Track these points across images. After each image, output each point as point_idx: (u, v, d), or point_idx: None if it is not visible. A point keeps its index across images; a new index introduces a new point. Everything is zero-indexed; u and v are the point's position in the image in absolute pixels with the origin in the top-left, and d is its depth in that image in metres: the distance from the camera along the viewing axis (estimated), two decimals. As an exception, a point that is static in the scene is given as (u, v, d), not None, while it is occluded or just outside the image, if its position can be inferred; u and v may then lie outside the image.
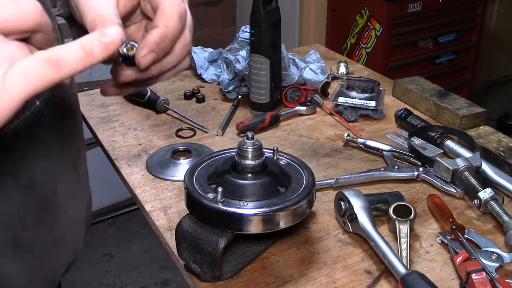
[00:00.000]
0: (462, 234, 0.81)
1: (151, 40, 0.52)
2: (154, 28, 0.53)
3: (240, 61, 1.27)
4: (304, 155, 1.09)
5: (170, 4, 0.54)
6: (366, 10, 2.68)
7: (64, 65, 0.40)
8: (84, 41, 0.42)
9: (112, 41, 0.43)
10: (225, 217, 0.73)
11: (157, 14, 0.54)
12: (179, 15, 0.54)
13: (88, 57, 0.41)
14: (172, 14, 0.53)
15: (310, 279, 0.78)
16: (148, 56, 0.51)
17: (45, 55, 0.40)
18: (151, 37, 0.52)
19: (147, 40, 0.52)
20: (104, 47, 0.42)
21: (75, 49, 0.41)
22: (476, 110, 1.17)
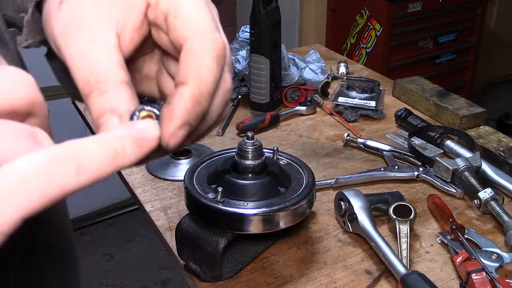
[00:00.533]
0: (462, 234, 0.81)
1: (180, 108, 0.35)
2: (182, 86, 0.36)
3: (240, 61, 1.27)
4: (304, 155, 1.08)
5: (201, 41, 0.36)
6: (366, 10, 2.68)
7: (86, 168, 0.28)
8: (110, 136, 0.30)
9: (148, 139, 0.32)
10: (225, 217, 0.73)
11: (183, 58, 0.36)
12: (216, 57, 0.36)
13: (117, 159, 0.30)
14: (206, 58, 0.36)
15: (310, 279, 0.78)
16: (178, 134, 0.35)
17: (58, 151, 0.27)
18: (179, 104, 0.35)
19: (174, 109, 0.35)
20: (139, 145, 0.31)
21: (100, 146, 0.29)
22: (476, 110, 1.17)
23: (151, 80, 0.44)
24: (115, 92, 0.35)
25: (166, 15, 0.37)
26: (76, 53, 0.36)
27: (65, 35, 0.37)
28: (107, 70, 0.36)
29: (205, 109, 0.37)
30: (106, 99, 0.35)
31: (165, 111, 0.35)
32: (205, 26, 0.37)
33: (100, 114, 0.35)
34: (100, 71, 0.36)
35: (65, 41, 0.37)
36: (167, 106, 0.35)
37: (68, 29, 0.37)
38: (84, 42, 0.36)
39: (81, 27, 0.37)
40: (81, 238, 2.47)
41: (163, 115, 0.35)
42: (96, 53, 0.36)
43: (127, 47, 0.38)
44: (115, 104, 0.35)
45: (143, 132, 0.32)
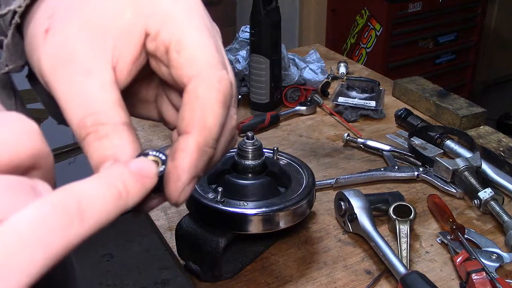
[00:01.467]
0: (462, 234, 0.81)
1: (186, 163, 0.33)
2: (186, 136, 0.33)
3: (240, 61, 1.27)
4: (304, 155, 1.08)
5: (206, 83, 0.33)
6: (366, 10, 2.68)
7: (91, 214, 0.25)
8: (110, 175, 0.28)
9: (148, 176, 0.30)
10: (225, 217, 0.73)
11: (186, 102, 0.33)
12: (222, 101, 0.33)
13: (121, 199, 0.27)
14: (212, 104, 0.33)
15: (310, 279, 0.78)
16: (188, 190, 0.34)
17: (58, 199, 0.24)
18: (185, 158, 0.33)
19: (180, 165, 0.33)
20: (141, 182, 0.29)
21: (103, 188, 0.26)
22: (476, 110, 1.17)
23: (150, 104, 0.41)
24: (116, 137, 0.32)
25: (168, 49, 0.33)
26: (68, 91, 0.32)
27: (55, 70, 0.33)
28: (105, 111, 0.32)
29: (211, 155, 0.34)
30: (107, 144, 0.32)
31: (171, 167, 0.33)
32: (210, 64, 0.33)
33: (101, 162, 0.32)
34: (97, 112, 0.32)
35: (55, 76, 0.33)
36: (172, 162, 0.33)
37: (58, 64, 0.33)
38: (77, 79, 0.32)
39: (73, 61, 0.33)
40: (81, 238, 2.47)
41: (169, 172, 0.33)
42: (91, 91, 0.32)
43: (124, 80, 0.34)
44: (116, 150, 0.32)
45: (142, 168, 0.29)
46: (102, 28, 0.33)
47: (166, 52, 0.34)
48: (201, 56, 0.33)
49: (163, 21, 0.34)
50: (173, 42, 0.33)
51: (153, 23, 0.34)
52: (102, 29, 0.33)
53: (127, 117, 0.33)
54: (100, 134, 0.32)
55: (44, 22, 0.34)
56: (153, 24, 0.34)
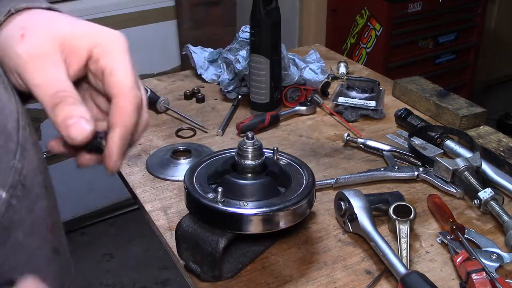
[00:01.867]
0: (462, 234, 0.81)
1: (114, 148, 0.50)
2: (114, 129, 0.50)
3: (240, 61, 1.27)
4: (304, 155, 1.09)
5: (126, 99, 0.50)
6: (366, 10, 2.68)
7: None
8: None
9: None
10: (225, 217, 0.73)
11: (113, 109, 0.50)
12: (135, 109, 0.51)
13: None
14: (129, 112, 0.50)
15: (310, 279, 0.78)
16: (118, 163, 0.51)
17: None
18: (113, 145, 0.50)
19: (111, 147, 0.50)
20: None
21: None
22: (476, 110, 1.17)
23: None
24: (82, 106, 0.47)
25: (103, 72, 0.50)
26: (43, 75, 0.46)
27: (31, 61, 0.46)
28: (71, 90, 0.47)
29: (130, 141, 0.52)
30: (75, 108, 0.46)
31: (106, 151, 0.50)
32: (129, 86, 0.50)
33: (69, 117, 0.46)
34: (66, 90, 0.47)
35: (31, 65, 0.46)
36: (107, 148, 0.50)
37: (34, 57, 0.47)
38: (50, 68, 0.47)
39: (45, 57, 0.47)
40: (81, 238, 2.47)
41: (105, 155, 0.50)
42: (61, 77, 0.47)
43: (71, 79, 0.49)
44: (83, 113, 0.46)
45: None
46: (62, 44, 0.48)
47: (101, 73, 0.50)
48: (124, 81, 0.50)
49: (103, 52, 0.50)
50: (107, 69, 0.50)
51: (97, 52, 0.50)
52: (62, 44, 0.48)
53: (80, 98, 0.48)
54: (70, 102, 0.46)
55: (19, 31, 0.48)
56: (97, 52, 0.50)
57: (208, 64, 1.44)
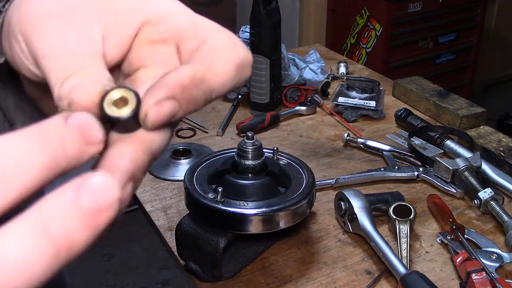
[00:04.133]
0: (462, 234, 0.81)
1: (174, 78, 0.28)
2: (185, 65, 0.30)
3: (240, 61, 1.27)
4: (304, 155, 1.08)
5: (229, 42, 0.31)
6: (366, 10, 2.68)
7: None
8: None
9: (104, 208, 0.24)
10: (225, 217, 0.73)
11: (199, 49, 0.31)
12: (238, 63, 0.31)
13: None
14: (227, 56, 0.30)
15: (310, 279, 0.78)
16: (165, 105, 0.27)
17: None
18: (175, 75, 0.28)
19: (167, 78, 0.28)
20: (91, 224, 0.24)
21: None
22: (476, 110, 1.17)
23: None
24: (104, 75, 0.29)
25: (181, 30, 0.32)
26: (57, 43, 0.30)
27: (45, 22, 0.30)
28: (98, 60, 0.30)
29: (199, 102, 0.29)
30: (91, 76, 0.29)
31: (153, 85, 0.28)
32: (233, 35, 0.32)
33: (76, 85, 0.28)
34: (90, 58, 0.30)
35: (45, 29, 0.30)
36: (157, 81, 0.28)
37: (50, 18, 0.30)
38: (73, 31, 0.30)
39: (68, 18, 0.30)
40: (81, 238, 2.46)
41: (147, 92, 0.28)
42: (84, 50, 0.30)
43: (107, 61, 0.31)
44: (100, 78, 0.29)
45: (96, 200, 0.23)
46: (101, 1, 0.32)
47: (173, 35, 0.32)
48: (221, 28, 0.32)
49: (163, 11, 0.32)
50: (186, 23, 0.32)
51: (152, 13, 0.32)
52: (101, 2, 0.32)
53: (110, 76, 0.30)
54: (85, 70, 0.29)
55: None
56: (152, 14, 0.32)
57: (208, 64, 1.43)
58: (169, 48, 0.32)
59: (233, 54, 0.30)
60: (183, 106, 0.28)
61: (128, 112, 0.27)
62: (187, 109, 0.29)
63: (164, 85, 0.27)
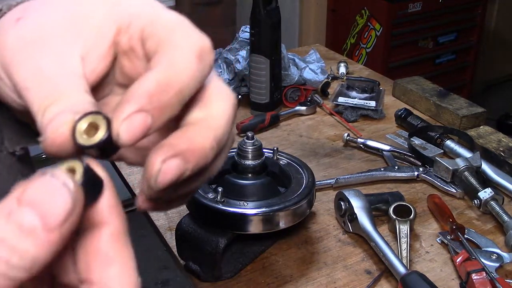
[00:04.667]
0: (462, 234, 0.81)
1: (138, 89, 0.28)
2: (146, 73, 0.29)
3: (240, 61, 1.27)
4: (304, 155, 1.08)
5: (182, 34, 0.31)
6: (366, 10, 2.68)
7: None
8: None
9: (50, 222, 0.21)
10: (225, 217, 0.73)
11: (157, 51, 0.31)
12: (197, 51, 0.30)
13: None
14: (184, 49, 0.30)
15: (310, 279, 0.78)
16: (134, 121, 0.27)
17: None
18: (138, 85, 0.28)
19: (131, 90, 0.28)
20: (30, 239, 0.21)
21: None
22: (476, 110, 1.17)
23: None
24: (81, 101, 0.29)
25: (143, 29, 0.31)
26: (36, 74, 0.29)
27: (21, 52, 0.30)
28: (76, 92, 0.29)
29: (173, 105, 0.28)
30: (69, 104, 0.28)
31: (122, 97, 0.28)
32: (187, 23, 0.31)
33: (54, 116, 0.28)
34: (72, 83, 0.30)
35: (21, 57, 0.30)
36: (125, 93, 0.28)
37: (26, 48, 0.30)
38: (47, 62, 0.30)
39: (43, 46, 0.30)
40: (81, 238, 2.46)
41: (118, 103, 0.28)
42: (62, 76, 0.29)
43: (90, 79, 0.31)
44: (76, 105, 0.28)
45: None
46: (75, 21, 0.32)
47: (141, 34, 0.32)
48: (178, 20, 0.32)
49: (133, 13, 0.32)
50: (147, 22, 0.31)
51: (124, 17, 0.32)
52: (74, 22, 0.32)
53: (92, 99, 0.29)
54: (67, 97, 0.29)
55: (16, 14, 0.32)
56: (124, 18, 0.32)
57: (208, 64, 1.43)
58: (140, 58, 0.32)
59: (189, 45, 0.30)
60: (156, 115, 0.28)
61: (100, 137, 0.26)
62: (162, 116, 0.28)
63: (129, 99, 0.27)
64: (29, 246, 0.20)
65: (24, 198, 0.21)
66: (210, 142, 0.30)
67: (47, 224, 0.20)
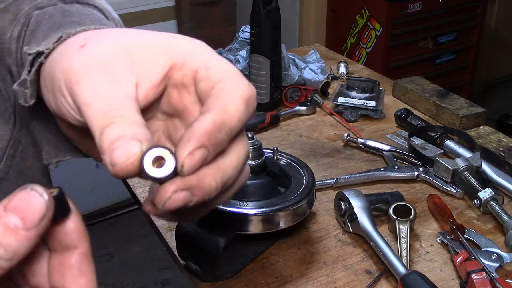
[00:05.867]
0: (462, 234, 0.81)
1: (199, 128, 0.34)
2: (205, 113, 0.35)
3: (240, 61, 1.27)
4: (304, 155, 1.08)
5: (234, 82, 0.36)
6: (366, 10, 2.68)
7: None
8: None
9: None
10: (225, 217, 0.73)
11: (213, 93, 0.36)
12: (246, 100, 0.36)
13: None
14: (236, 97, 0.36)
15: (310, 279, 0.78)
16: (196, 154, 0.33)
17: None
18: (199, 125, 0.34)
19: (193, 129, 0.34)
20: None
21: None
22: (476, 110, 1.17)
23: None
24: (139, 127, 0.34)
25: (197, 71, 0.37)
26: (97, 92, 0.35)
27: (86, 74, 0.36)
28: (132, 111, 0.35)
29: (223, 141, 0.35)
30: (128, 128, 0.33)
31: (183, 134, 0.34)
32: (237, 72, 0.37)
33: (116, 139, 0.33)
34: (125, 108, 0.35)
35: (85, 80, 0.35)
36: (186, 131, 0.34)
37: (90, 71, 0.36)
38: (108, 83, 0.35)
39: (105, 70, 0.36)
40: (81, 238, 2.46)
41: (179, 141, 0.34)
42: (121, 93, 0.35)
43: (141, 103, 0.37)
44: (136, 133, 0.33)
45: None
46: (132, 53, 0.37)
47: (193, 76, 0.37)
48: (228, 67, 0.37)
49: (187, 54, 0.38)
50: (201, 64, 0.37)
51: (178, 56, 0.38)
52: (132, 54, 0.37)
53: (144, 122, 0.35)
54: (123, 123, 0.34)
55: (79, 41, 0.38)
56: (179, 57, 0.38)
57: (208, 64, 1.43)
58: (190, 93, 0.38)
59: (239, 93, 0.36)
60: (211, 150, 0.34)
61: (169, 171, 0.33)
62: (215, 150, 0.34)
63: (193, 136, 0.33)
64: (12, 242, 0.27)
65: (10, 205, 0.28)
66: (217, 184, 0.35)
67: (26, 224, 0.28)
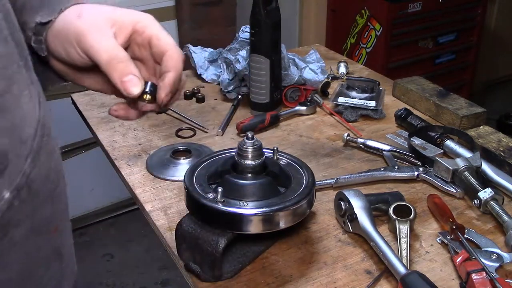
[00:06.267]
0: (462, 234, 0.81)
1: (168, 82, 0.63)
2: (168, 72, 0.64)
3: (240, 61, 1.27)
4: (304, 155, 1.09)
5: (176, 52, 0.65)
6: (366, 10, 2.69)
7: None
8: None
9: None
10: (225, 217, 0.73)
11: (167, 60, 0.64)
12: (183, 60, 0.65)
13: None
14: (180, 60, 0.65)
15: (310, 279, 0.78)
16: (168, 96, 0.64)
17: None
18: (168, 80, 0.63)
19: (165, 83, 0.64)
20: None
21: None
22: (476, 110, 1.17)
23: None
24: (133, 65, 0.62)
25: (150, 39, 0.65)
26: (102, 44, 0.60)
27: (90, 33, 0.60)
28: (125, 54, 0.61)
29: (178, 85, 0.66)
30: (131, 67, 0.61)
31: (161, 84, 0.64)
32: (175, 44, 0.65)
33: (126, 74, 0.60)
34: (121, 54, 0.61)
35: (91, 37, 0.60)
36: (162, 81, 0.64)
37: (92, 31, 0.61)
38: (106, 39, 0.61)
39: (101, 31, 0.61)
40: (81, 238, 2.47)
41: (160, 87, 0.64)
42: (115, 45, 0.61)
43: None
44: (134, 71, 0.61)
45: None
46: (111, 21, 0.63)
47: (148, 41, 0.65)
48: (170, 41, 0.65)
49: (145, 26, 0.65)
50: (154, 36, 0.65)
51: (140, 26, 0.65)
52: (111, 21, 0.63)
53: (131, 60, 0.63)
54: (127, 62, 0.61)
55: (75, 13, 0.62)
56: (140, 26, 0.65)
57: (208, 64, 1.43)
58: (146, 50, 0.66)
59: (180, 57, 0.65)
60: (173, 90, 0.65)
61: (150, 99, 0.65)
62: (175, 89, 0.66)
63: (165, 86, 0.64)
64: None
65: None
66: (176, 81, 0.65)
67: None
